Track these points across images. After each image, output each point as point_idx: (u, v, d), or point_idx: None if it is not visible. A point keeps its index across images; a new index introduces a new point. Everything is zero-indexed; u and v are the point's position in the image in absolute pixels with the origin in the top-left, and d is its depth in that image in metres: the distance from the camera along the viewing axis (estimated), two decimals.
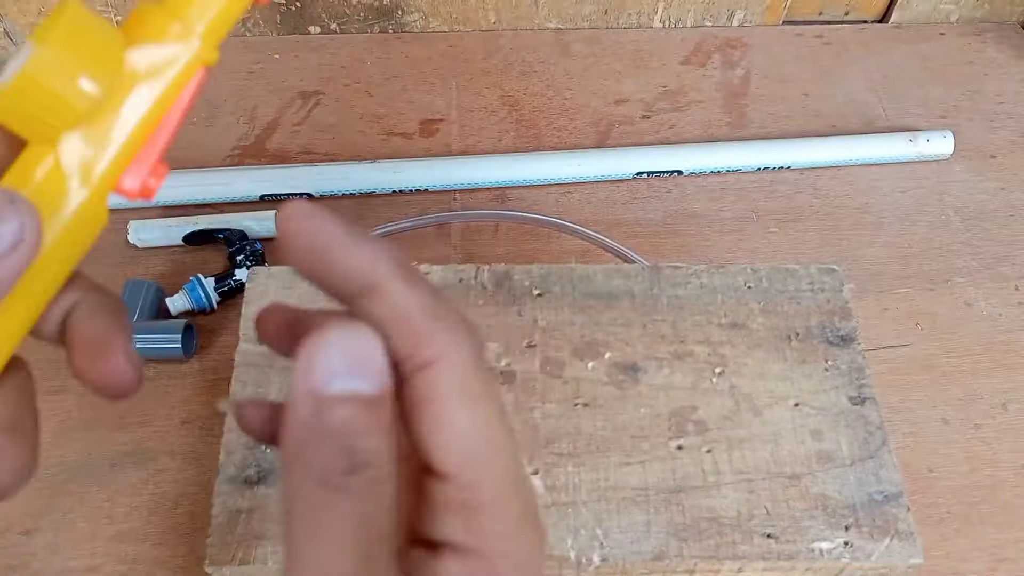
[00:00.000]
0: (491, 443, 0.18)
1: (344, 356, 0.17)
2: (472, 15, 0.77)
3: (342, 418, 0.17)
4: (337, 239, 0.18)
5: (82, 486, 0.49)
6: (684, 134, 0.70)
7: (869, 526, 0.41)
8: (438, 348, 0.19)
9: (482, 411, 0.18)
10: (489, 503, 0.18)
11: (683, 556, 0.40)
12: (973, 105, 0.74)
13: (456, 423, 0.18)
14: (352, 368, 0.17)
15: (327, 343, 0.17)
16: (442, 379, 0.18)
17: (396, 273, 0.19)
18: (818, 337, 0.47)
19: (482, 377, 0.19)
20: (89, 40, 0.21)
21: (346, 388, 0.17)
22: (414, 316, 0.19)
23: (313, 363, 0.17)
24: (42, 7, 0.72)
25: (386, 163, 0.65)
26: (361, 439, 0.17)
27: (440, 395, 0.18)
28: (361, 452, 0.17)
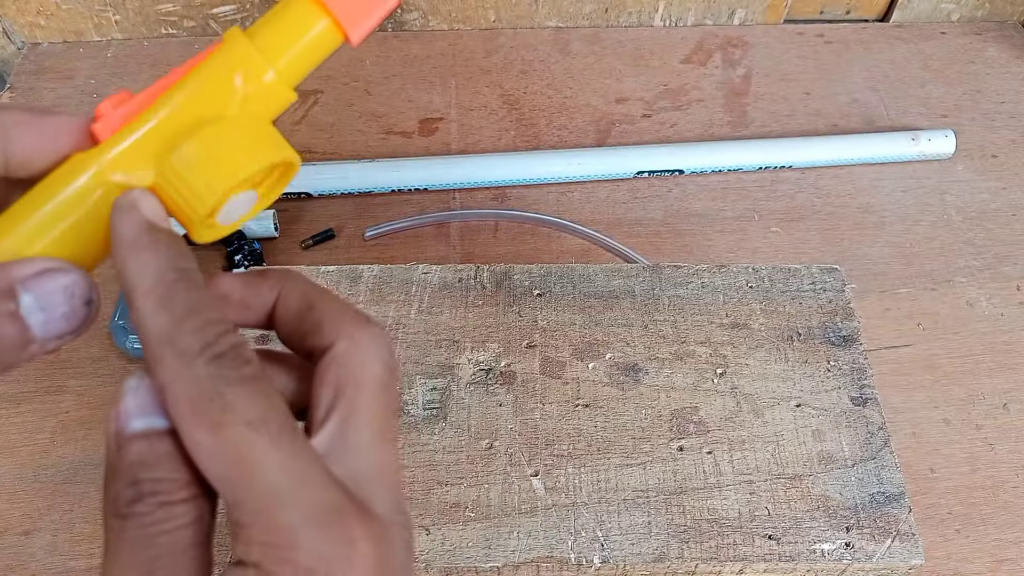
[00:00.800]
0: (241, 462, 0.19)
1: (140, 398, 0.19)
2: (472, 14, 0.77)
3: (134, 453, 0.19)
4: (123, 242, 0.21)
5: (81, 487, 0.49)
6: (685, 133, 0.70)
7: (871, 527, 0.40)
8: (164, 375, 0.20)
9: (225, 433, 0.19)
10: (255, 518, 0.19)
11: (684, 558, 0.39)
12: (974, 104, 0.73)
13: (199, 448, 0.19)
14: (147, 408, 0.19)
15: (126, 390, 0.20)
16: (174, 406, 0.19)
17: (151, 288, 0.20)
18: (820, 337, 0.47)
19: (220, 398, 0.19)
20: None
21: (143, 426, 0.19)
22: (150, 340, 0.20)
23: (115, 410, 0.19)
24: (41, 7, 0.71)
25: (385, 162, 0.65)
26: (146, 471, 0.19)
27: (178, 422, 0.19)
28: (146, 483, 0.19)
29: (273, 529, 0.19)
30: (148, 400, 0.20)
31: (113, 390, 0.52)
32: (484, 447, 0.43)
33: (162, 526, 0.19)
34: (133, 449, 0.19)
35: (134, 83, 0.72)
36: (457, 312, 0.48)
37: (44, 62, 0.73)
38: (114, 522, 0.19)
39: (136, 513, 0.19)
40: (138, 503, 0.19)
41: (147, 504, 0.19)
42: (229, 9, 0.74)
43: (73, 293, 0.20)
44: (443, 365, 0.46)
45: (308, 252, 0.61)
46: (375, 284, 0.49)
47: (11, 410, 0.52)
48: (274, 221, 0.61)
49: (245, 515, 0.19)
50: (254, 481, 0.19)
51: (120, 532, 0.19)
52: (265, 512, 0.19)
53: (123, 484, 0.19)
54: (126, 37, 0.75)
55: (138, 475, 0.19)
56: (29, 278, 0.20)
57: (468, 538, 0.40)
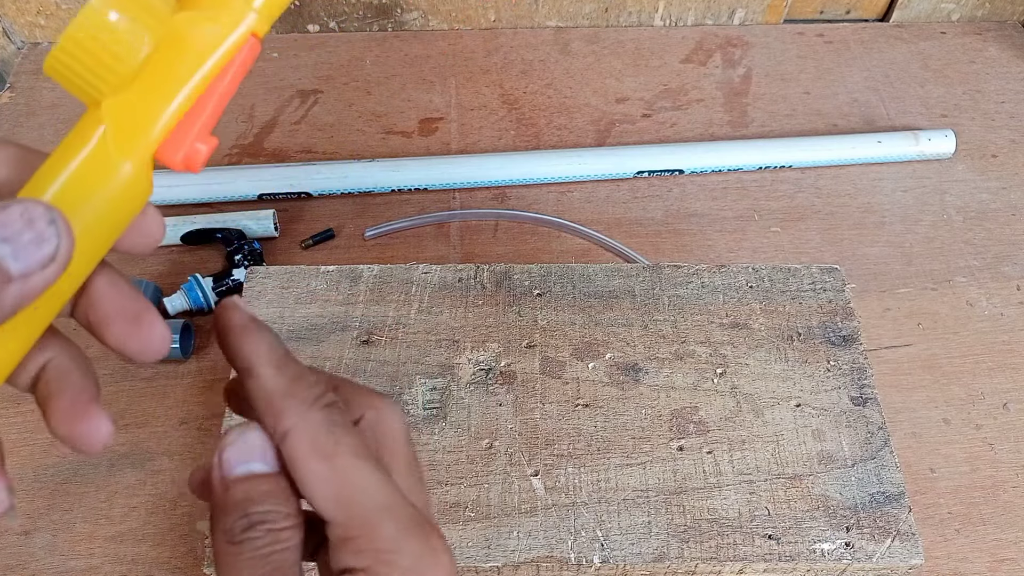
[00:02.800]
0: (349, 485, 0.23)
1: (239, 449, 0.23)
2: (472, 13, 0.77)
3: (240, 492, 0.23)
4: (230, 331, 0.24)
5: (80, 487, 0.49)
6: (685, 133, 0.70)
7: (870, 527, 0.40)
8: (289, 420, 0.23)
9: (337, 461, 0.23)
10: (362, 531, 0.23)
11: (684, 557, 0.39)
12: (974, 104, 0.73)
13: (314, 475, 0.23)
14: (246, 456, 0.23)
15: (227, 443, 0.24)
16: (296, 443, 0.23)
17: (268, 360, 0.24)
18: (819, 337, 0.47)
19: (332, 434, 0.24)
20: None
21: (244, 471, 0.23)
22: (275, 396, 0.24)
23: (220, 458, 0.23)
24: (41, 6, 0.71)
25: (385, 162, 0.65)
26: (256, 506, 0.23)
27: (297, 456, 0.23)
28: (255, 515, 0.23)
29: (378, 539, 0.23)
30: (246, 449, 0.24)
31: (114, 390, 0.52)
32: (484, 447, 0.43)
33: (273, 547, 0.23)
34: (239, 489, 0.23)
35: None
36: (457, 312, 0.48)
37: (44, 62, 0.73)
38: (230, 548, 0.23)
39: (250, 539, 0.23)
40: (250, 531, 0.23)
41: (258, 531, 0.23)
42: None
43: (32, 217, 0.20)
44: (443, 365, 0.46)
45: (308, 252, 0.61)
46: (375, 284, 0.49)
47: (11, 410, 0.52)
48: (274, 221, 0.61)
49: (352, 529, 0.23)
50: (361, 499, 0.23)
51: (237, 556, 0.22)
52: (371, 525, 0.23)
53: (235, 518, 0.23)
54: None
55: (248, 510, 0.23)
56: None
57: (468, 538, 0.40)
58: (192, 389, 0.53)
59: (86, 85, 0.22)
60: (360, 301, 0.48)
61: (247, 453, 0.24)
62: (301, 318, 0.47)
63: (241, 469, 0.23)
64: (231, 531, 0.23)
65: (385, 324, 0.47)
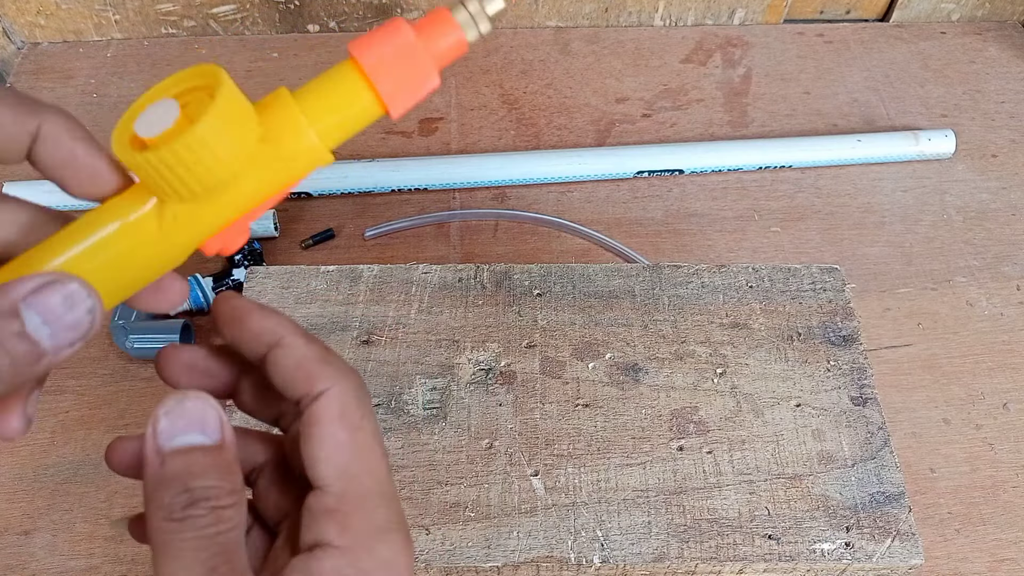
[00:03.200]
0: (362, 461, 0.23)
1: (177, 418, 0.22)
2: None
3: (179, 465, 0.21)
4: (251, 311, 0.25)
5: (80, 487, 0.49)
6: (685, 133, 0.70)
7: (870, 527, 0.40)
8: (326, 382, 0.23)
9: (358, 435, 0.23)
10: (357, 509, 0.22)
11: (684, 557, 0.39)
12: (974, 104, 0.73)
13: (334, 440, 0.23)
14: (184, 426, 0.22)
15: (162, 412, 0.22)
16: (327, 405, 0.23)
17: (295, 332, 0.24)
18: (819, 337, 0.47)
19: (361, 409, 0.24)
20: (239, 122, 0.22)
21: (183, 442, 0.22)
22: (309, 360, 0.24)
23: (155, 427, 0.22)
24: (41, 6, 0.71)
25: (385, 162, 0.65)
26: (197, 480, 0.21)
27: (324, 417, 0.23)
28: (197, 490, 0.21)
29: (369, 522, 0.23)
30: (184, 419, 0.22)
31: (113, 390, 0.52)
32: (484, 447, 0.43)
33: (217, 527, 0.21)
34: (177, 462, 0.22)
35: (133, 83, 0.72)
36: (457, 312, 0.48)
37: (44, 62, 0.73)
38: (169, 526, 0.21)
39: (192, 516, 0.21)
40: (192, 507, 0.21)
41: (201, 508, 0.21)
42: (229, 9, 0.74)
43: (74, 302, 0.21)
44: (443, 365, 0.45)
45: (308, 252, 0.61)
46: (375, 284, 0.49)
47: None
48: (274, 221, 0.61)
49: (346, 504, 0.22)
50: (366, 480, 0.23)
51: (177, 534, 0.21)
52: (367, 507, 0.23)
53: (174, 492, 0.21)
54: (126, 37, 0.75)
55: (188, 484, 0.21)
56: (30, 294, 0.21)
57: (468, 538, 0.40)
58: None
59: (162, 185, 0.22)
60: (360, 301, 0.48)
61: (186, 423, 0.22)
62: (301, 318, 0.47)
63: (179, 440, 0.22)
64: (170, 507, 0.21)
65: (385, 324, 0.47)
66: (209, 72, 0.23)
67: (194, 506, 0.21)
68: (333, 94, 0.24)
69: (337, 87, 0.24)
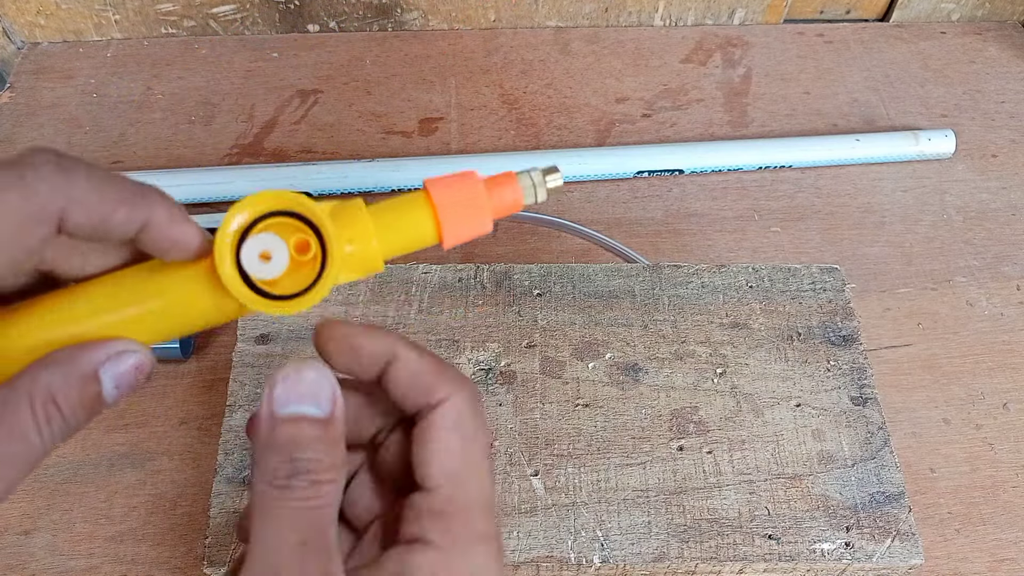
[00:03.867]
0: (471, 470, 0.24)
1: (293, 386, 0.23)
2: (472, 13, 0.77)
3: (287, 433, 0.23)
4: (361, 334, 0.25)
5: (80, 487, 0.49)
6: (685, 133, 0.70)
7: (870, 527, 0.40)
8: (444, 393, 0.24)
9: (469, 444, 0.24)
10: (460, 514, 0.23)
11: (684, 557, 0.39)
12: (974, 104, 0.73)
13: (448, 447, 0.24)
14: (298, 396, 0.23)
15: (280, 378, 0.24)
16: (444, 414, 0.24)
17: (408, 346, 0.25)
18: (819, 337, 0.47)
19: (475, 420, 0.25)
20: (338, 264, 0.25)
21: (295, 411, 0.23)
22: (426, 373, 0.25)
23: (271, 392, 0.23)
24: (41, 6, 0.71)
25: (385, 162, 0.65)
26: (301, 451, 0.22)
27: (441, 425, 0.24)
28: (301, 461, 0.22)
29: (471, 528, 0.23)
30: (300, 388, 0.23)
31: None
32: None
33: (315, 502, 0.22)
34: (286, 430, 0.23)
35: (133, 83, 0.72)
36: (457, 312, 0.48)
37: (44, 62, 0.73)
38: (270, 491, 0.22)
39: (293, 487, 0.22)
40: (294, 478, 0.22)
41: (302, 480, 0.22)
42: (229, 9, 0.74)
43: (140, 370, 0.25)
44: None
45: None
46: (375, 284, 0.49)
47: None
48: None
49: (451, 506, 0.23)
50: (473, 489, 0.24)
51: (277, 501, 0.22)
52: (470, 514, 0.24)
53: (279, 460, 0.22)
54: (126, 37, 0.75)
55: (293, 453, 0.22)
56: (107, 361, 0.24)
57: None
58: (192, 389, 0.53)
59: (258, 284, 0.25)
60: (360, 301, 0.48)
61: (300, 393, 0.23)
62: (301, 318, 0.47)
63: (291, 409, 0.23)
64: (273, 473, 0.22)
65: (385, 324, 0.47)
66: (295, 202, 0.25)
67: (296, 476, 0.22)
68: (403, 218, 0.27)
69: (407, 213, 0.27)
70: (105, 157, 0.67)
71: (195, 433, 0.51)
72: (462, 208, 0.28)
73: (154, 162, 0.66)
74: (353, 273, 0.26)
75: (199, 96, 0.71)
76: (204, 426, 0.52)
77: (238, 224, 0.25)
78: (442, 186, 0.28)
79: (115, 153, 0.67)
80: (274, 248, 0.24)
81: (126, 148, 0.67)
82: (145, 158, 0.67)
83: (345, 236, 0.26)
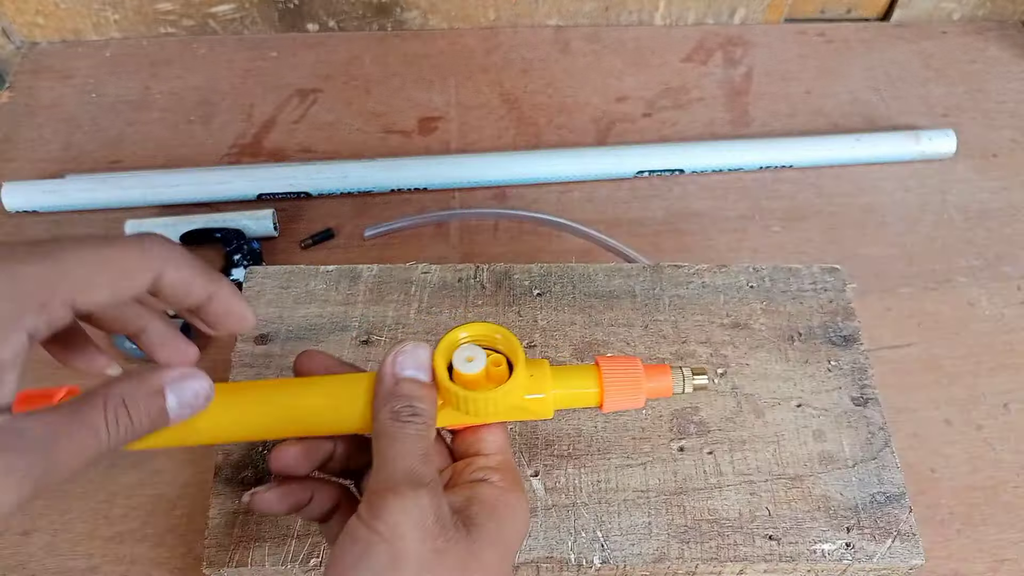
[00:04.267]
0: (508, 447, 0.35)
1: (411, 357, 0.32)
2: (471, 12, 0.77)
3: (407, 388, 0.31)
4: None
5: (80, 487, 0.49)
6: (685, 132, 0.70)
7: (871, 527, 0.40)
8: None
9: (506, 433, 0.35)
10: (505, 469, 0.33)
11: (684, 558, 0.39)
12: (975, 104, 0.73)
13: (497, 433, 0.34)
14: (414, 364, 0.32)
15: (403, 349, 0.32)
16: None
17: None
18: (820, 337, 0.47)
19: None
20: (519, 391, 0.33)
21: (412, 374, 0.32)
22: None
23: (395, 359, 0.32)
24: (40, 6, 0.71)
25: (385, 161, 0.65)
26: (416, 401, 0.31)
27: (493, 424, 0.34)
28: (417, 407, 0.31)
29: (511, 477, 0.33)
30: (416, 359, 0.32)
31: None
32: None
33: (426, 434, 0.31)
34: (406, 385, 0.31)
35: (132, 82, 0.71)
36: (457, 312, 0.47)
37: (43, 61, 0.73)
38: (395, 423, 0.30)
39: (413, 422, 0.30)
40: (413, 416, 0.31)
41: (418, 418, 0.31)
42: (228, 8, 0.74)
43: (199, 394, 0.31)
44: None
45: (307, 252, 0.61)
46: (375, 284, 0.49)
47: None
48: (273, 221, 0.61)
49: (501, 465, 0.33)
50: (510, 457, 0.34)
51: (402, 429, 0.30)
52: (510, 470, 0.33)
53: (402, 403, 0.31)
54: (124, 36, 0.75)
55: (411, 402, 0.31)
56: (174, 381, 0.30)
57: None
58: None
59: (450, 399, 0.32)
60: (359, 301, 0.48)
61: (414, 362, 0.32)
62: (301, 318, 0.47)
63: (409, 372, 0.32)
64: (399, 412, 0.31)
65: (385, 324, 0.47)
66: (510, 344, 0.33)
67: (414, 416, 0.31)
68: (576, 384, 0.34)
69: (581, 381, 0.34)
70: (104, 156, 0.67)
71: None
72: (624, 385, 0.34)
73: (153, 161, 0.66)
74: (525, 414, 0.34)
75: (198, 95, 0.71)
76: None
77: (461, 336, 0.33)
78: (611, 364, 0.34)
79: (114, 152, 0.67)
80: (477, 359, 0.32)
81: (125, 147, 0.67)
82: (144, 157, 0.67)
83: (529, 370, 0.33)
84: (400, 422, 0.30)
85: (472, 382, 0.32)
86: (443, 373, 0.32)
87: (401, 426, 0.30)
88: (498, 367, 0.33)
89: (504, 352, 0.34)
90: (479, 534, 0.30)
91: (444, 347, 0.33)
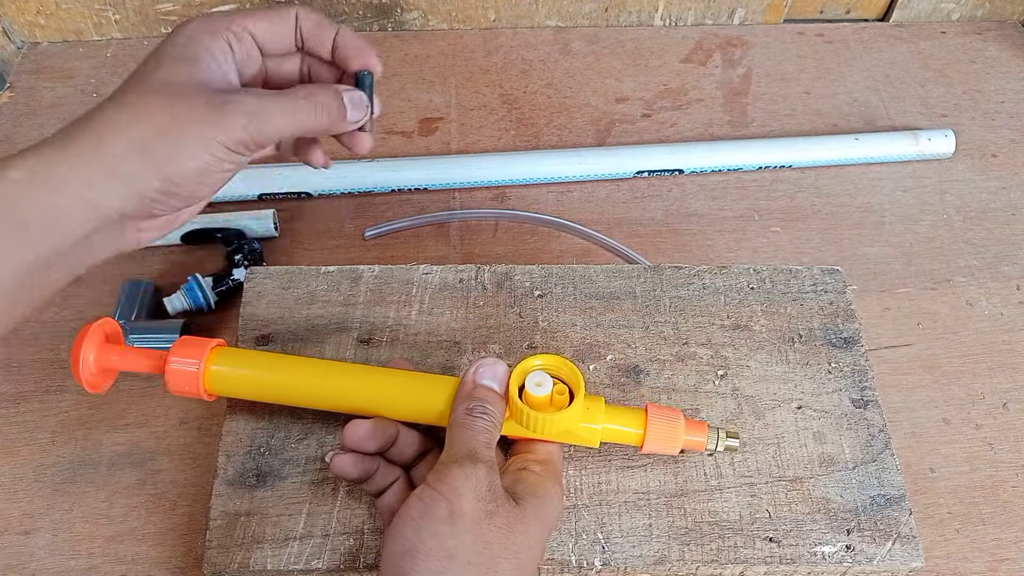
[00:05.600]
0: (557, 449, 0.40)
1: (490, 370, 0.39)
2: (472, 13, 0.76)
3: (482, 392, 0.38)
4: None
5: (80, 487, 0.49)
6: (685, 133, 0.70)
7: (871, 530, 0.40)
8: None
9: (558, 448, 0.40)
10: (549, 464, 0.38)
11: (685, 560, 0.39)
12: (974, 104, 0.73)
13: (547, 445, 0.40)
14: (491, 376, 0.38)
15: (485, 363, 0.39)
16: None
17: None
18: (821, 339, 0.47)
19: None
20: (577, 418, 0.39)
21: (488, 383, 0.38)
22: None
23: (477, 370, 0.39)
24: (41, 6, 0.71)
25: (385, 162, 0.65)
26: (488, 404, 0.37)
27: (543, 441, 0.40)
28: (488, 408, 0.37)
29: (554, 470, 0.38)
30: (494, 372, 0.38)
31: (113, 390, 0.52)
32: None
33: (493, 430, 0.37)
34: (482, 390, 0.38)
35: None
36: (458, 313, 0.48)
37: (44, 61, 0.73)
38: (468, 416, 0.37)
39: (483, 418, 0.37)
40: (484, 414, 0.37)
41: (487, 417, 0.37)
42: (229, 9, 0.74)
43: (363, 101, 0.42)
44: (444, 367, 0.45)
45: (308, 252, 0.61)
46: (375, 284, 0.49)
47: (11, 410, 0.52)
48: (274, 221, 0.61)
49: (547, 461, 0.39)
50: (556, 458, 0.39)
51: (473, 421, 0.37)
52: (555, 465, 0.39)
53: (476, 403, 0.37)
54: (126, 36, 0.75)
55: (485, 404, 0.37)
56: (344, 89, 0.41)
57: None
58: None
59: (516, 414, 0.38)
60: (360, 302, 0.48)
61: (492, 374, 0.38)
62: (301, 318, 0.47)
63: (487, 381, 0.38)
64: (472, 408, 0.37)
65: (386, 325, 0.47)
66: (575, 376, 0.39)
67: (484, 414, 0.37)
68: (624, 422, 0.39)
69: (628, 421, 0.39)
70: None
71: (195, 433, 0.51)
72: (664, 433, 0.39)
73: None
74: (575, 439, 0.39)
75: None
76: (204, 426, 0.52)
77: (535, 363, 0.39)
78: (657, 413, 0.39)
79: None
80: (544, 384, 0.38)
81: None
82: None
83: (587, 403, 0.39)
84: (472, 416, 0.37)
85: (537, 403, 0.38)
86: (515, 391, 0.38)
87: (472, 420, 0.37)
88: (561, 395, 0.38)
89: (568, 383, 0.39)
90: (524, 505, 0.35)
91: (520, 370, 0.39)
